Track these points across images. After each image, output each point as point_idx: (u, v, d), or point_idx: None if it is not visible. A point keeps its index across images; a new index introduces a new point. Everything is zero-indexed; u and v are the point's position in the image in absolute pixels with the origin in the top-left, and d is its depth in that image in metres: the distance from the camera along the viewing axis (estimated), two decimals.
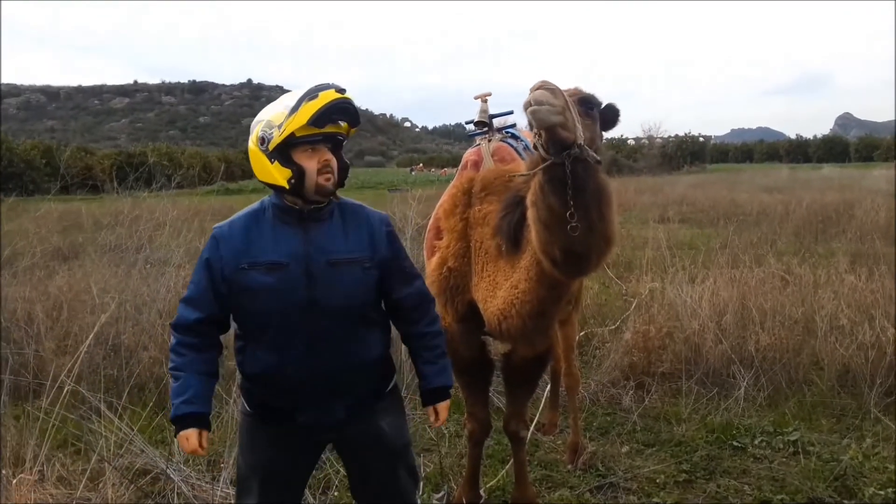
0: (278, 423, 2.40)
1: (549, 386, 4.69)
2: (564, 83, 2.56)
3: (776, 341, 5.33)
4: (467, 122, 3.67)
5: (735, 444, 4.32)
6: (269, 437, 2.43)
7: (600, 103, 2.55)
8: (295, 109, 2.21)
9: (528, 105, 2.26)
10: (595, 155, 2.42)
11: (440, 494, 3.76)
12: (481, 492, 3.65)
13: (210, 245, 2.33)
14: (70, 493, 3.44)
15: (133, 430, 3.87)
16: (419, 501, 2.87)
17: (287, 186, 2.25)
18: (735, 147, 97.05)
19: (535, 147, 2.45)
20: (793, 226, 12.65)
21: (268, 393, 2.39)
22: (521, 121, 3.77)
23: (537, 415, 4.64)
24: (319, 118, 2.20)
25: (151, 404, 4.45)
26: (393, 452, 2.51)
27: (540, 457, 4.26)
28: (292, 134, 2.21)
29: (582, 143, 2.35)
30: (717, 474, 3.98)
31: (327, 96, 2.22)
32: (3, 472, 3.37)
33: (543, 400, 4.77)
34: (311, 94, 2.23)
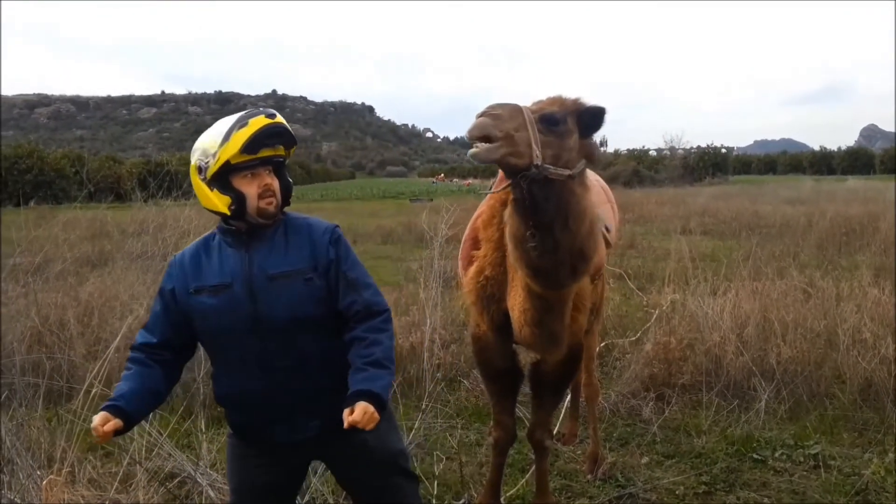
0: (258, 441, 2.42)
1: (568, 396, 4.72)
2: (540, 95, 2.64)
3: (798, 354, 5.32)
4: None
5: (755, 456, 4.32)
6: (253, 456, 2.45)
7: (564, 118, 2.50)
8: (227, 139, 2.23)
9: (469, 137, 2.32)
10: (561, 171, 2.44)
11: (461, 502, 3.81)
12: (501, 500, 3.69)
13: (165, 274, 2.43)
14: (101, 494, 3.52)
15: (162, 435, 3.96)
16: (422, 501, 2.83)
17: (228, 213, 2.29)
18: (758, 158, 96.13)
19: None
20: (816, 238, 12.54)
21: (239, 413, 2.43)
22: None
23: (557, 425, 4.67)
24: (251, 145, 2.23)
25: (181, 410, 4.55)
26: (383, 463, 2.48)
27: (559, 466, 4.29)
28: (227, 161, 2.24)
29: (540, 163, 2.37)
30: (737, 487, 3.98)
31: (257, 123, 2.25)
32: (37, 473, 3.47)
33: (563, 410, 4.80)
34: (241, 121, 2.25)
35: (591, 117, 2.56)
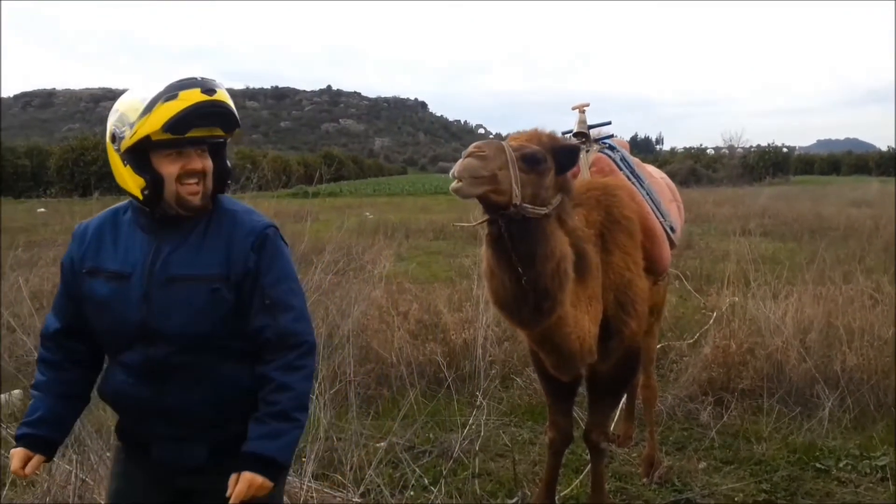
0: (136, 453, 2.04)
1: (624, 397, 4.66)
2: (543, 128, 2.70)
3: (864, 362, 5.14)
4: (565, 133, 3.70)
5: (818, 465, 4.20)
6: (128, 467, 2.07)
7: (544, 157, 2.53)
8: (148, 110, 1.80)
9: (455, 179, 2.34)
10: (538, 209, 2.49)
11: (514, 500, 3.81)
12: (556, 500, 3.67)
13: (70, 245, 2.03)
14: None
15: None
16: None
17: (140, 197, 1.87)
18: (821, 158, 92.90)
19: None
20: (882, 242, 12.08)
21: (123, 419, 2.07)
22: (616, 131, 3.81)
23: (611, 426, 4.61)
24: (177, 123, 1.79)
25: None
26: None
27: (615, 469, 4.25)
28: (147, 137, 1.81)
29: (519, 202, 2.41)
30: (799, 496, 3.88)
31: (189, 98, 1.80)
32: (107, 454, 3.58)
33: (618, 411, 4.74)
34: (170, 92, 1.81)
35: (566, 156, 2.64)
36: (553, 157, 2.58)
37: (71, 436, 3.60)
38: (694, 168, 47.85)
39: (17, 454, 1.94)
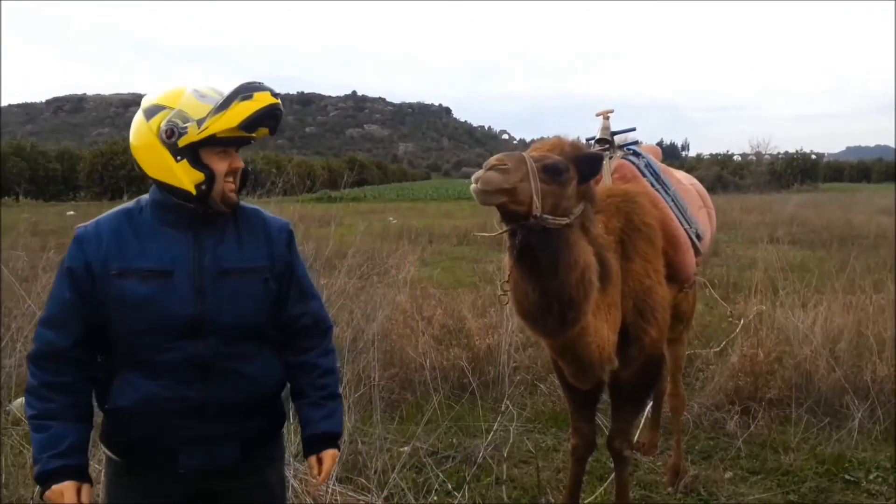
0: (156, 470, 1.97)
1: (650, 405, 4.62)
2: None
3: (895, 372, 5.06)
4: (588, 139, 3.70)
5: (847, 477, 4.13)
6: (142, 490, 1.98)
7: (566, 167, 2.52)
8: (224, 107, 1.87)
9: (475, 183, 2.35)
10: (559, 220, 2.48)
11: None
12: None
13: (72, 250, 1.92)
14: None
15: None
16: None
17: (194, 192, 1.90)
18: (851, 165, 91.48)
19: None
20: None
21: (142, 432, 1.95)
22: (641, 137, 3.79)
23: (636, 434, 4.58)
24: (252, 122, 1.89)
25: None
26: None
27: (639, 477, 4.21)
28: (214, 134, 1.88)
29: (539, 213, 2.41)
30: None
31: (265, 98, 1.91)
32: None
33: (643, 419, 4.71)
34: (245, 93, 1.90)
35: (589, 165, 2.62)
36: (576, 166, 2.57)
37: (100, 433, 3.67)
38: (720, 175, 47.36)
39: (67, 489, 1.85)
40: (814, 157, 66.07)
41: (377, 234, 14.06)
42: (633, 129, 3.72)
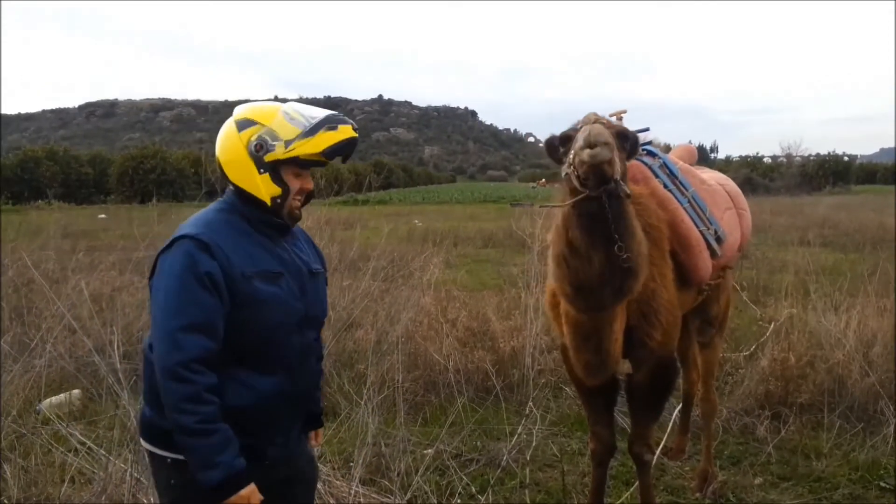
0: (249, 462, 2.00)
1: (678, 409, 4.55)
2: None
3: None
4: None
5: (882, 484, 4.03)
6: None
7: (634, 136, 2.55)
8: (311, 133, 2.05)
9: (586, 144, 2.28)
10: (626, 188, 2.45)
11: None
12: None
13: (199, 256, 1.95)
14: None
15: None
16: None
17: (269, 204, 2.08)
18: (884, 167, 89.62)
19: (568, 177, 2.48)
20: None
21: (247, 430, 2.00)
22: (670, 140, 3.72)
23: (664, 438, 4.52)
24: (332, 151, 2.08)
25: None
26: (314, 486, 2.47)
27: (666, 482, 4.15)
28: (297, 156, 2.06)
29: (618, 177, 2.38)
30: None
31: (346, 132, 2.08)
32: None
33: (671, 423, 4.64)
34: (331, 123, 2.08)
35: (633, 146, 2.62)
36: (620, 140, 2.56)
37: (127, 434, 3.70)
38: (749, 177, 46.72)
39: (254, 492, 1.94)
40: (846, 158, 64.99)
41: (402, 237, 14.08)
42: (647, 129, 3.65)
